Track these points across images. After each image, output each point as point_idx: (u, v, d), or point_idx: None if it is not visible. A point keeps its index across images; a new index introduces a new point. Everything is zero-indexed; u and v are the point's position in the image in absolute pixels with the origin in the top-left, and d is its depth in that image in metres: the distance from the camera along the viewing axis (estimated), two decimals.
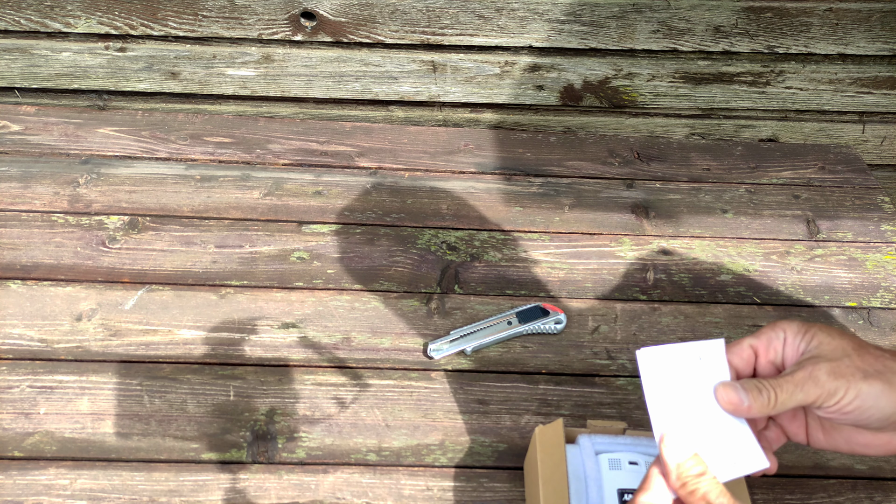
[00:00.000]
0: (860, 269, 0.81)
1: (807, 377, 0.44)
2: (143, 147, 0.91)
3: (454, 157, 0.93)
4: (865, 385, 0.43)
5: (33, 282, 0.75)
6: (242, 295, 0.75)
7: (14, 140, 0.91)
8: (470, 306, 0.75)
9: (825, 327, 0.47)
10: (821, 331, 0.46)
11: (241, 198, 0.85)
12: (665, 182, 0.92)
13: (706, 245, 0.83)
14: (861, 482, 0.63)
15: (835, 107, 1.01)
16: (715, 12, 0.91)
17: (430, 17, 0.92)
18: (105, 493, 0.59)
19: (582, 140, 0.98)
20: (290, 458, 0.62)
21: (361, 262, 0.79)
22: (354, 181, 0.89)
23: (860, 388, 0.43)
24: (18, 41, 0.95)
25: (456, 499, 0.60)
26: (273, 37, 0.94)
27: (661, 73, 0.98)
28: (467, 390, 0.68)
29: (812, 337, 0.46)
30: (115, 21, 0.92)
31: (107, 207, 0.83)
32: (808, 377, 0.44)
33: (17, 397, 0.65)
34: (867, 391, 0.43)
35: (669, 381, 0.49)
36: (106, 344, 0.70)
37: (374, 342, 0.71)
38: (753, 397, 0.45)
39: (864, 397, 0.43)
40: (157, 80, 0.98)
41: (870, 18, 0.92)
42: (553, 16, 0.92)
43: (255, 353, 0.70)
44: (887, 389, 0.43)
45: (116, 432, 0.63)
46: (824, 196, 0.91)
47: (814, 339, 0.46)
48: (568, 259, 0.81)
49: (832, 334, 0.46)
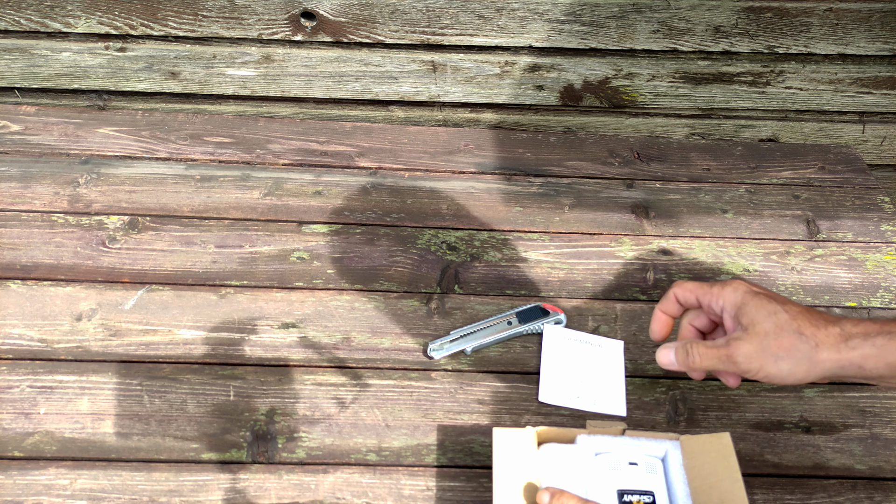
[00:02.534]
0: (860, 269, 0.81)
1: (726, 355, 0.51)
2: (143, 147, 0.91)
3: (454, 157, 0.93)
4: (774, 368, 0.50)
5: (33, 282, 0.75)
6: (242, 295, 0.75)
7: (14, 140, 0.91)
8: (470, 306, 0.75)
9: (760, 304, 0.52)
10: (755, 309, 0.52)
11: (241, 198, 0.85)
12: (665, 182, 0.92)
13: (706, 245, 0.83)
14: (861, 482, 0.63)
15: (835, 107, 1.01)
16: (715, 12, 0.91)
17: (430, 17, 0.92)
18: (105, 493, 0.59)
19: (582, 140, 0.98)
20: (290, 458, 0.62)
21: (361, 262, 0.79)
22: (354, 181, 0.89)
23: (769, 371, 0.50)
24: (18, 41, 0.95)
25: (456, 499, 0.60)
26: (273, 37, 0.94)
27: (661, 73, 0.98)
28: (467, 390, 0.68)
29: (744, 315, 0.52)
30: (115, 21, 0.92)
31: (107, 207, 0.83)
32: (727, 355, 0.51)
33: (17, 397, 0.65)
34: (775, 373, 0.50)
35: (567, 351, 0.69)
36: (106, 344, 0.70)
37: (374, 342, 0.71)
38: (681, 360, 0.54)
39: (773, 376, 0.50)
40: (157, 80, 0.98)
41: (870, 18, 0.92)
42: (553, 16, 0.92)
43: (255, 353, 0.70)
44: (794, 367, 0.50)
45: (116, 432, 0.63)
46: (824, 196, 0.91)
47: (744, 316, 0.52)
48: (568, 259, 0.81)
49: (761, 315, 0.51)
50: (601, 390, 0.67)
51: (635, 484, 0.55)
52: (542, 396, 0.67)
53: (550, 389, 0.67)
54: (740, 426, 0.67)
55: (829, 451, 0.65)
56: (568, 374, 0.68)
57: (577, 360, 0.69)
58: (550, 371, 0.68)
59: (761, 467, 0.64)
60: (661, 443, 0.58)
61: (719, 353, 0.52)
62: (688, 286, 0.56)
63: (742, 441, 0.65)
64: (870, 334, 0.49)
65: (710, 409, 0.68)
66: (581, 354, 0.70)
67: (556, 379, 0.68)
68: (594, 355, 0.70)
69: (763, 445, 0.66)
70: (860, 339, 0.49)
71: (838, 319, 0.50)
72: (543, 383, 0.67)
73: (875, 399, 0.69)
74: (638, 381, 0.70)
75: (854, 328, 0.49)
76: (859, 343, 0.49)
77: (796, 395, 0.69)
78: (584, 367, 0.68)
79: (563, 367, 0.69)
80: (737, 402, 0.68)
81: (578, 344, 0.71)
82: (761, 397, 0.69)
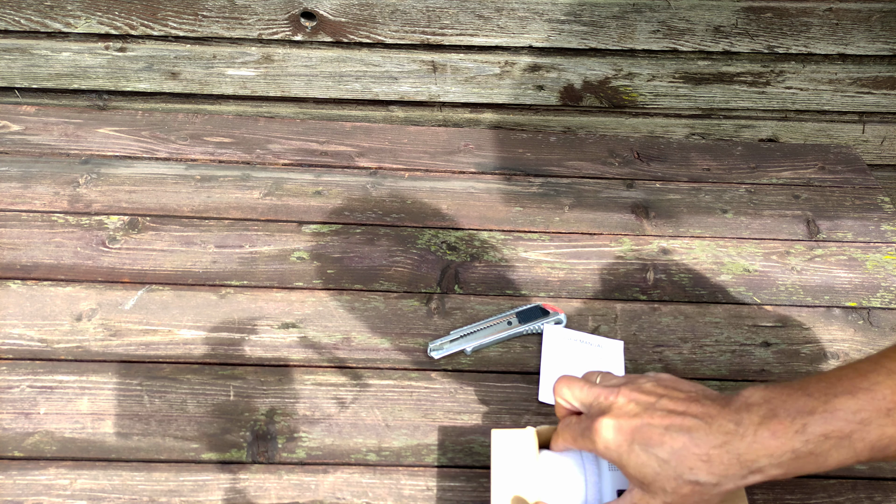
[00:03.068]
0: (860, 269, 0.81)
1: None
2: (143, 147, 0.91)
3: (454, 157, 0.93)
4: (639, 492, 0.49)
5: (33, 282, 0.75)
6: (242, 295, 0.75)
7: (14, 140, 0.91)
8: (470, 306, 0.75)
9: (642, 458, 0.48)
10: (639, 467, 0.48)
11: (241, 198, 0.85)
12: (665, 182, 0.92)
13: (706, 245, 0.83)
14: (861, 482, 0.63)
15: (835, 107, 1.01)
16: (715, 12, 0.91)
17: (430, 17, 0.92)
18: (105, 493, 0.59)
19: (582, 140, 0.98)
20: (290, 458, 0.62)
21: (361, 262, 0.79)
22: (354, 181, 0.89)
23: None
24: (18, 41, 0.95)
25: (456, 499, 0.60)
26: (273, 37, 0.94)
27: (661, 73, 0.98)
28: (467, 390, 0.68)
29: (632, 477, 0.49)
30: (115, 21, 0.92)
31: (107, 207, 0.83)
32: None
33: (17, 397, 0.65)
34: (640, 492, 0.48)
35: (567, 351, 0.69)
36: (106, 344, 0.70)
37: (374, 342, 0.71)
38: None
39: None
40: (157, 80, 0.98)
41: (870, 18, 0.92)
42: (553, 16, 0.92)
43: (255, 353, 0.70)
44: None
45: (116, 432, 0.63)
46: (824, 196, 0.91)
47: (633, 479, 0.49)
48: (568, 259, 0.81)
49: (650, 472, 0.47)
50: None
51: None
52: (542, 396, 0.67)
53: (550, 389, 0.67)
54: None
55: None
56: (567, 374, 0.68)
57: (578, 360, 0.69)
58: (550, 371, 0.68)
59: None
60: None
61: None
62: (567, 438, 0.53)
63: None
64: (773, 455, 0.44)
65: None
66: (581, 354, 0.70)
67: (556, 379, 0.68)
68: (594, 355, 0.70)
69: None
70: (766, 462, 0.44)
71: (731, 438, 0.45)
72: (543, 383, 0.67)
73: None
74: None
75: (752, 450, 0.44)
76: (765, 466, 0.44)
77: None
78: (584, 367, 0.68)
79: (564, 367, 0.69)
80: None
81: (578, 344, 0.71)
82: None
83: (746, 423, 0.45)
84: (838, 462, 0.44)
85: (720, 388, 0.69)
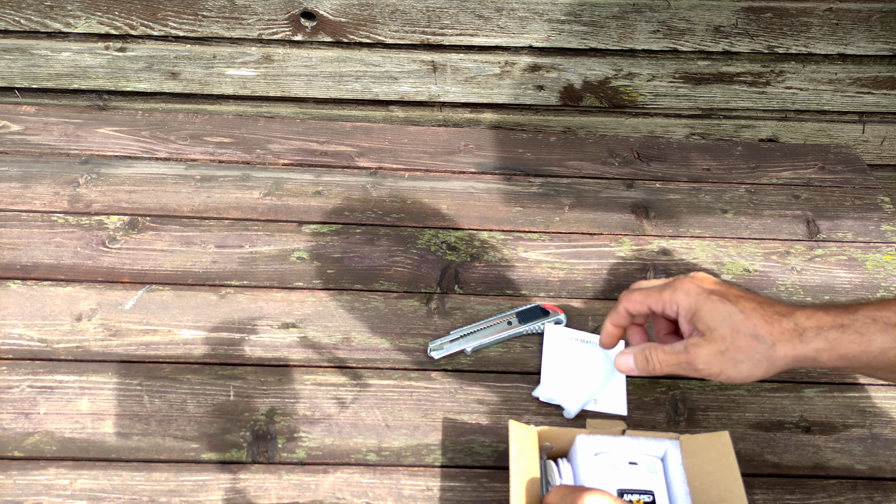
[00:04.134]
0: (860, 269, 0.81)
1: (686, 361, 0.52)
2: (143, 147, 0.91)
3: (454, 157, 0.93)
4: (734, 371, 0.51)
5: (33, 282, 0.75)
6: (242, 295, 0.75)
7: (14, 140, 0.91)
8: (470, 306, 0.75)
9: (714, 307, 0.52)
10: (709, 314, 0.52)
11: (241, 198, 0.85)
12: (665, 182, 0.92)
13: (706, 245, 0.83)
14: (861, 482, 0.63)
15: (835, 107, 1.01)
16: (715, 12, 0.91)
17: (430, 17, 0.92)
18: (105, 493, 0.59)
19: (582, 140, 0.98)
20: (290, 458, 0.62)
21: (361, 262, 0.79)
22: (354, 181, 0.89)
23: (729, 374, 0.51)
24: (18, 41, 0.95)
25: (456, 499, 0.60)
26: (273, 37, 0.94)
27: (661, 73, 0.98)
28: (467, 390, 0.68)
29: (699, 321, 0.52)
30: (115, 21, 0.92)
31: (107, 207, 0.83)
32: (686, 362, 0.52)
33: (17, 397, 0.65)
34: (735, 375, 0.51)
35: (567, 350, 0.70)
36: (106, 344, 0.70)
37: (374, 342, 0.71)
38: (640, 365, 0.55)
39: (733, 378, 0.51)
40: (157, 80, 0.98)
41: (870, 18, 0.92)
42: (553, 16, 0.92)
43: (255, 353, 0.70)
44: (753, 368, 0.51)
45: (116, 432, 0.63)
46: (824, 196, 0.91)
47: (700, 322, 0.52)
48: (568, 259, 0.81)
49: (717, 319, 0.51)
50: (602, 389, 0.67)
51: (635, 483, 0.55)
52: (543, 396, 0.67)
53: (551, 389, 0.67)
54: (740, 426, 0.67)
55: (829, 451, 0.65)
56: (568, 373, 0.68)
57: (578, 360, 0.69)
58: (551, 370, 0.68)
59: (761, 467, 0.64)
60: (660, 442, 0.58)
61: (679, 359, 0.53)
62: (636, 298, 0.56)
63: (742, 441, 0.65)
64: (822, 328, 0.50)
65: (710, 409, 0.68)
66: (582, 354, 0.70)
67: (556, 378, 0.68)
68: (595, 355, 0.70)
69: (763, 445, 0.66)
70: (813, 334, 0.50)
71: (792, 311, 0.51)
72: (544, 383, 0.67)
73: (875, 399, 0.69)
74: (638, 381, 0.70)
75: (807, 321, 0.50)
76: (812, 337, 0.50)
77: (796, 395, 0.69)
78: (584, 367, 0.68)
79: (564, 367, 0.69)
80: (737, 402, 0.68)
81: (579, 343, 0.71)
82: (761, 397, 0.69)
83: (807, 308, 0.52)
84: (881, 347, 0.49)
85: (720, 387, 0.69)
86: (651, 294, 0.55)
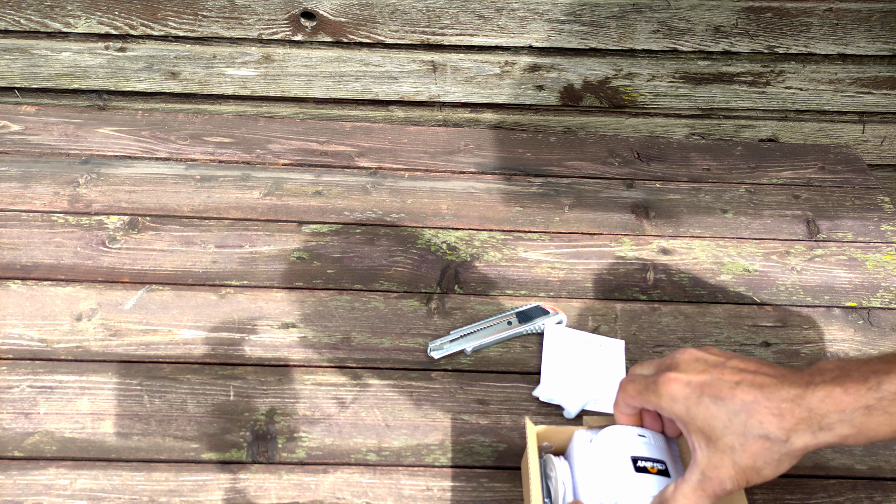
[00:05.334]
0: (860, 269, 0.81)
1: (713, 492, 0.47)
2: (143, 147, 0.91)
3: (454, 157, 0.93)
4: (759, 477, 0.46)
5: (33, 282, 0.75)
6: (242, 295, 0.75)
7: (14, 140, 0.91)
8: (470, 306, 0.75)
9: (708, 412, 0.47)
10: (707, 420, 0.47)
11: (241, 198, 0.85)
12: (665, 182, 0.92)
13: (706, 245, 0.83)
14: (861, 482, 0.63)
15: (835, 107, 1.01)
16: (715, 12, 0.91)
17: (430, 17, 0.92)
18: (105, 493, 0.59)
19: (582, 140, 0.98)
20: (290, 458, 0.62)
21: (361, 262, 0.79)
22: (354, 181, 0.89)
23: (756, 481, 0.46)
24: (18, 41, 0.95)
25: (456, 499, 0.60)
26: (273, 37, 0.94)
27: (661, 73, 0.98)
28: (467, 390, 0.68)
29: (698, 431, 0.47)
30: (115, 21, 0.92)
31: (107, 207, 0.83)
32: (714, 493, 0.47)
33: (17, 397, 0.65)
34: (761, 480, 0.46)
35: (567, 350, 0.70)
36: (106, 344, 0.70)
37: (374, 342, 0.71)
38: None
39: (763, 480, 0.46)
40: (157, 80, 0.98)
41: (870, 18, 0.92)
42: (553, 16, 0.92)
43: (255, 353, 0.70)
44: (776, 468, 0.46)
45: (116, 432, 0.63)
46: (824, 196, 0.91)
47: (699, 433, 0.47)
48: (568, 259, 0.81)
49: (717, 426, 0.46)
50: (602, 389, 0.67)
51: (647, 453, 0.54)
52: (542, 396, 0.67)
53: (551, 389, 0.67)
54: None
55: (828, 450, 0.65)
56: (568, 373, 0.68)
57: (578, 360, 0.69)
58: (551, 370, 0.68)
59: None
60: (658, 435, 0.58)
61: (706, 492, 0.47)
62: (630, 392, 0.52)
63: None
64: (844, 411, 0.43)
65: None
66: (582, 354, 0.70)
67: (556, 378, 0.68)
68: (595, 355, 0.70)
69: None
70: (835, 419, 0.44)
71: (802, 394, 0.45)
72: (544, 383, 0.67)
73: None
74: None
75: (823, 405, 0.44)
76: (835, 423, 0.44)
77: None
78: (584, 367, 0.68)
79: (564, 367, 0.69)
80: None
81: (579, 343, 0.71)
82: None
83: (819, 381, 0.45)
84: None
85: None
86: (640, 393, 0.51)
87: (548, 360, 0.69)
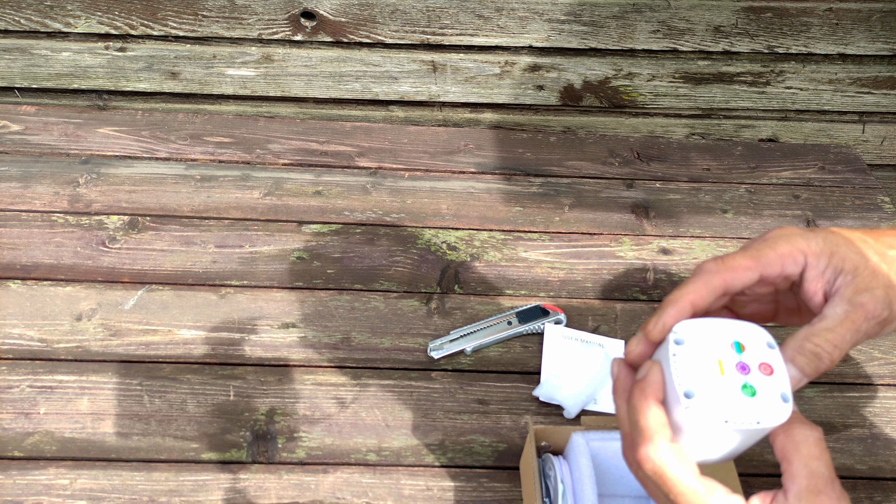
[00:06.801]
0: None
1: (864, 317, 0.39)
2: (143, 147, 0.91)
3: (454, 157, 0.93)
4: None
5: (33, 282, 0.75)
6: (242, 295, 0.75)
7: (14, 140, 0.91)
8: (470, 306, 0.75)
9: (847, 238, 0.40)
10: (848, 254, 0.39)
11: (241, 198, 0.85)
12: (665, 182, 0.92)
13: (706, 245, 0.83)
14: (861, 482, 0.63)
15: (835, 107, 1.01)
16: (715, 12, 0.91)
17: (430, 17, 0.92)
18: (105, 493, 0.59)
19: (582, 140, 0.98)
20: (290, 458, 0.62)
21: (361, 262, 0.79)
22: (354, 181, 0.89)
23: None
24: (18, 41, 0.95)
25: (456, 499, 0.60)
26: (273, 37, 0.94)
27: (661, 73, 0.97)
28: (467, 390, 0.68)
29: (844, 259, 0.39)
30: (115, 21, 0.92)
31: (107, 207, 0.83)
32: (864, 318, 0.39)
33: (17, 397, 0.65)
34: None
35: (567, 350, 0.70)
36: (106, 344, 0.70)
37: (374, 342, 0.71)
38: (812, 368, 0.39)
39: None
40: (157, 80, 0.98)
41: (870, 18, 0.92)
42: (553, 16, 0.92)
43: (255, 353, 0.70)
44: None
45: (116, 432, 0.63)
46: (824, 196, 0.91)
47: (846, 261, 0.39)
48: (568, 259, 0.81)
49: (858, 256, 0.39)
50: (602, 389, 0.67)
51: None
52: (543, 395, 0.67)
53: (551, 389, 0.67)
54: None
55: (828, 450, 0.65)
56: (568, 373, 0.68)
57: (578, 360, 0.69)
58: (551, 370, 0.68)
59: (761, 467, 0.64)
60: None
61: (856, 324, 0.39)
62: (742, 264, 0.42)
63: None
64: None
65: None
66: (582, 354, 0.70)
67: (556, 378, 0.68)
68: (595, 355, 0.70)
69: (763, 445, 0.65)
70: None
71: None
72: (544, 383, 0.67)
73: (875, 399, 0.69)
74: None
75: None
76: None
77: (796, 395, 0.69)
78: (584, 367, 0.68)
79: (564, 367, 0.69)
80: None
81: (579, 343, 0.71)
82: None
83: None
84: None
85: None
86: (761, 255, 0.41)
87: (548, 360, 0.70)
